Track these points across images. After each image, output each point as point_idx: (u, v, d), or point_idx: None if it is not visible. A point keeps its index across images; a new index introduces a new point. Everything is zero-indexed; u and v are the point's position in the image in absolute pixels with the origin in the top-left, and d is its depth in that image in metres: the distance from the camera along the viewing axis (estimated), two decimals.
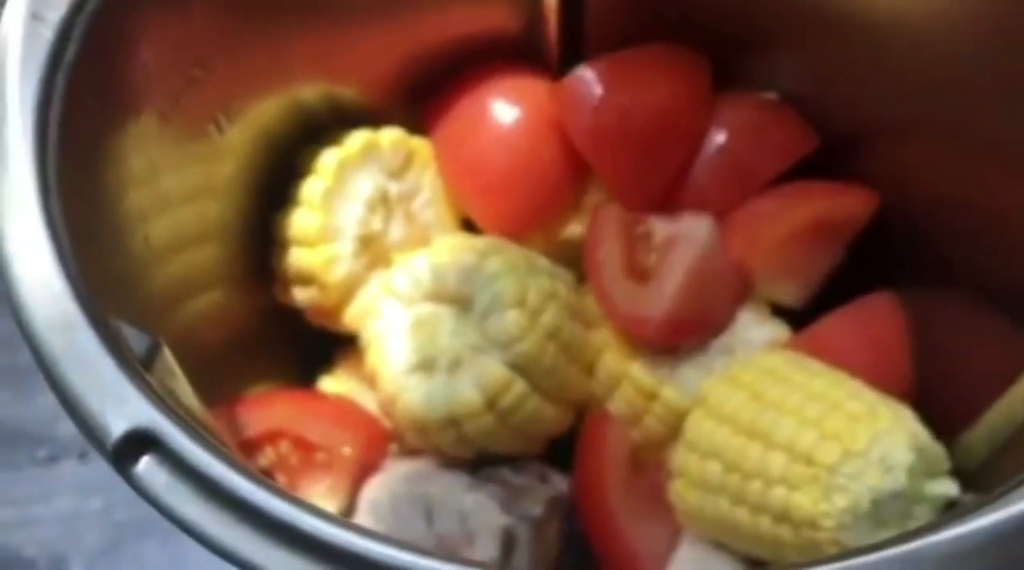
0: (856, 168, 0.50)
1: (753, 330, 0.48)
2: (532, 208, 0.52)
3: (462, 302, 0.46)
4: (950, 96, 0.45)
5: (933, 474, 0.40)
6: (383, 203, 0.51)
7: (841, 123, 0.50)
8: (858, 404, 0.40)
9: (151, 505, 0.27)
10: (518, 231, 0.51)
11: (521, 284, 0.46)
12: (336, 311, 0.50)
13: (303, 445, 0.46)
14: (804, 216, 0.49)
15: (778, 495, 0.39)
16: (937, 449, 0.41)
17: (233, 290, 0.49)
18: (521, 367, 0.45)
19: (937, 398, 0.44)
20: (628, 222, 0.49)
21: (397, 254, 0.51)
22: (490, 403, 0.45)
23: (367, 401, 0.50)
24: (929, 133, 0.47)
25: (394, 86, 0.52)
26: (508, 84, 0.52)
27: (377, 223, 0.50)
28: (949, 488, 0.40)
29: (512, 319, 0.45)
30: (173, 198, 0.42)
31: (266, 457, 0.46)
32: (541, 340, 0.45)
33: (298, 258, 0.49)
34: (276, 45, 0.46)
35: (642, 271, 0.48)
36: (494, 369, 0.45)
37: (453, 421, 0.45)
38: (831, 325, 0.48)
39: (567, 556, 0.47)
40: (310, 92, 0.49)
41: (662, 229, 0.48)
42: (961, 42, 0.43)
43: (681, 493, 0.44)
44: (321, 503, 0.45)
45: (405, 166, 0.52)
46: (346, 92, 0.51)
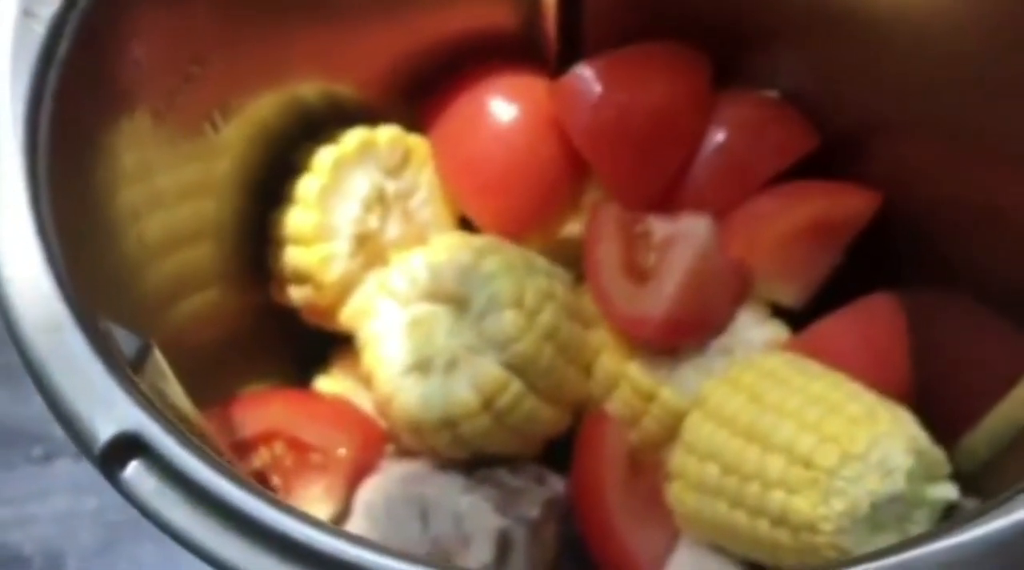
0: (856, 167, 0.50)
1: (752, 331, 0.48)
2: (530, 207, 0.51)
3: (459, 302, 0.46)
4: (951, 95, 0.44)
5: (933, 478, 0.40)
6: (380, 201, 0.50)
7: (842, 122, 0.50)
8: (857, 407, 0.40)
9: (138, 510, 0.27)
10: (516, 230, 0.51)
11: (518, 284, 0.45)
12: (332, 310, 0.50)
13: (298, 446, 0.46)
14: (804, 216, 0.49)
15: (776, 498, 0.39)
16: (936, 453, 0.40)
17: (228, 289, 0.48)
18: (518, 367, 0.45)
19: (937, 400, 0.43)
20: (627, 221, 0.48)
21: (394, 253, 0.50)
22: (486, 404, 0.45)
23: (363, 401, 0.50)
24: (930, 133, 0.47)
25: (391, 83, 0.51)
26: (506, 82, 0.51)
27: (374, 222, 0.50)
28: (949, 492, 0.40)
29: (509, 319, 0.44)
30: (167, 196, 0.42)
31: (260, 458, 0.46)
32: (538, 340, 0.45)
33: (294, 257, 0.49)
34: (273, 42, 0.45)
35: (641, 271, 0.47)
36: (491, 369, 0.45)
37: (449, 422, 0.45)
38: (830, 326, 0.48)
39: (564, 558, 0.47)
40: (307, 89, 0.49)
41: (661, 228, 0.48)
42: (963, 41, 0.43)
43: (679, 495, 0.43)
44: (316, 505, 0.45)
45: (402, 164, 0.51)
46: (343, 89, 0.50)
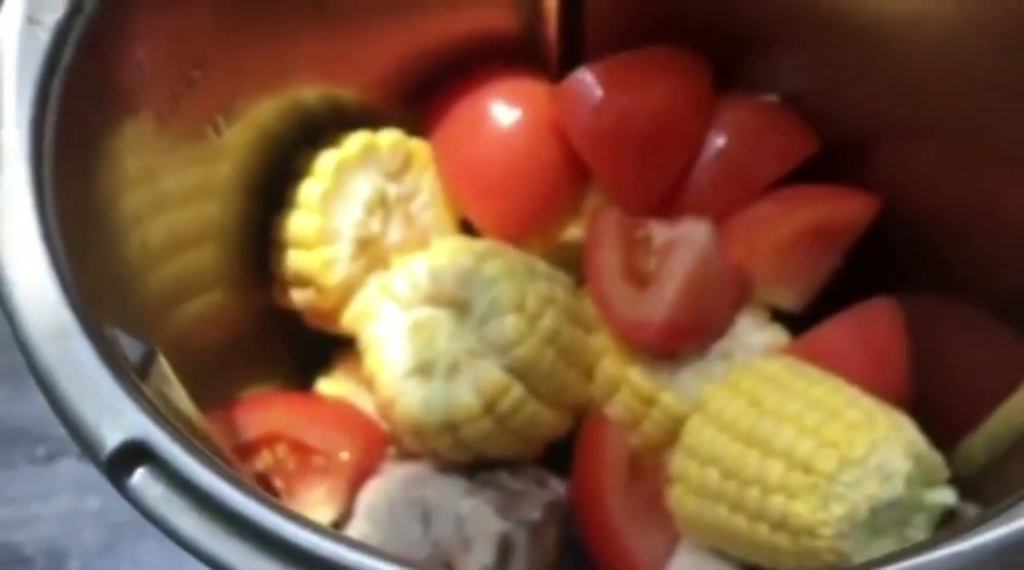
0: (856, 172, 0.50)
1: (752, 335, 0.48)
2: (531, 211, 0.51)
3: (460, 306, 0.46)
4: (951, 99, 0.44)
5: (931, 482, 0.40)
6: (381, 205, 0.50)
7: (842, 126, 0.50)
8: (856, 412, 0.40)
9: (145, 517, 0.27)
10: (517, 234, 0.51)
11: (520, 288, 0.45)
12: (334, 313, 0.50)
13: (301, 449, 0.46)
14: (804, 220, 0.49)
15: (776, 503, 0.39)
16: (935, 457, 0.41)
17: (231, 292, 0.49)
18: (519, 371, 0.45)
19: (936, 405, 0.43)
20: (627, 226, 0.49)
21: (395, 256, 0.51)
22: (488, 407, 0.45)
23: (364, 403, 0.50)
24: (929, 137, 0.47)
25: (393, 87, 0.52)
26: (507, 86, 0.52)
27: (375, 225, 0.50)
28: (947, 497, 0.40)
29: (511, 323, 0.45)
30: (170, 200, 0.42)
31: (263, 461, 0.46)
32: (540, 344, 0.45)
33: (296, 260, 0.49)
34: (275, 46, 0.45)
35: (641, 275, 0.47)
36: (492, 373, 0.45)
37: (451, 425, 0.45)
38: (829, 331, 0.48)
39: (564, 561, 0.47)
40: (309, 93, 0.49)
41: (661, 233, 0.48)
42: (963, 45, 0.43)
43: (679, 499, 0.44)
44: (318, 507, 0.45)
45: (404, 168, 0.51)
46: (345, 93, 0.51)
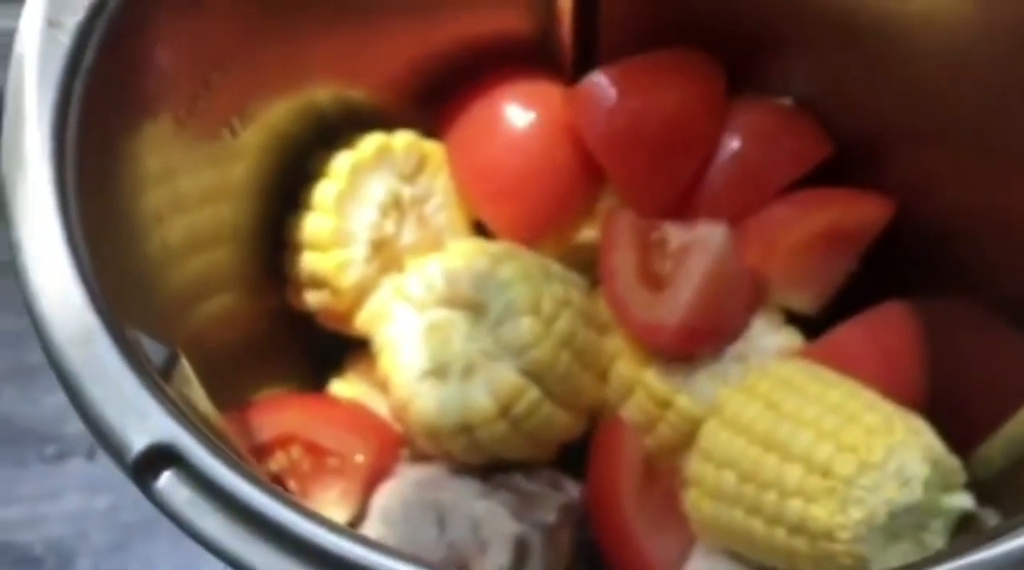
0: (869, 175, 0.50)
1: (767, 338, 0.48)
2: (545, 213, 0.51)
3: (475, 308, 0.46)
4: (965, 102, 0.44)
5: (949, 487, 0.40)
6: (396, 207, 0.50)
7: (856, 129, 0.50)
8: (874, 416, 0.40)
9: (171, 521, 0.27)
10: (530, 236, 0.51)
11: (535, 291, 0.45)
12: (348, 315, 0.50)
13: (315, 451, 0.46)
14: (819, 223, 0.49)
15: (794, 507, 0.39)
16: (953, 462, 0.40)
17: (245, 293, 0.49)
18: (535, 374, 0.45)
19: (951, 409, 0.43)
20: (642, 228, 0.49)
21: (409, 258, 0.51)
22: (503, 410, 0.45)
23: (378, 405, 0.50)
24: (944, 140, 0.47)
25: (407, 89, 0.52)
26: (522, 88, 0.52)
27: (390, 227, 0.50)
28: (965, 501, 0.40)
29: (526, 326, 0.45)
30: (188, 201, 0.42)
31: (277, 462, 0.46)
32: (555, 347, 0.45)
33: (311, 262, 0.49)
34: (291, 49, 0.45)
35: (656, 278, 0.47)
36: (507, 376, 0.45)
37: (466, 427, 0.45)
38: (843, 334, 0.48)
39: (579, 564, 0.47)
40: (324, 95, 0.49)
41: (677, 236, 0.48)
42: (977, 47, 0.43)
43: (696, 502, 0.44)
44: (332, 509, 0.45)
45: (418, 170, 0.51)
46: (359, 95, 0.51)
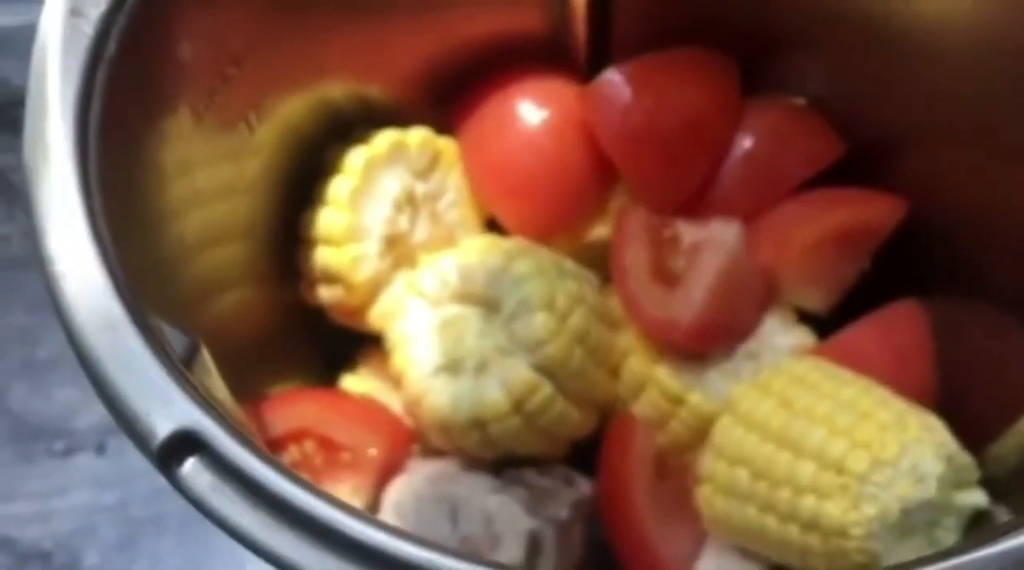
0: (882, 175, 0.50)
1: (779, 336, 0.48)
2: (558, 210, 0.52)
3: (489, 304, 0.46)
4: (978, 102, 0.44)
5: (962, 484, 0.40)
6: (409, 203, 0.51)
7: (869, 129, 0.50)
8: (887, 413, 0.40)
9: (195, 507, 0.27)
10: (543, 233, 0.51)
11: (549, 287, 0.45)
12: (361, 310, 0.50)
13: (328, 445, 0.46)
14: (832, 223, 0.49)
15: (807, 503, 0.39)
16: (966, 459, 0.41)
17: (259, 288, 0.49)
18: (548, 370, 0.45)
19: (964, 407, 0.43)
20: (655, 226, 0.49)
21: (422, 254, 0.51)
22: (517, 405, 0.45)
23: (389, 400, 0.50)
24: (956, 140, 0.47)
25: (422, 86, 0.52)
26: (536, 86, 0.52)
27: (403, 222, 0.50)
28: (978, 498, 0.40)
29: (540, 322, 0.45)
30: (205, 195, 0.42)
31: (290, 456, 0.46)
32: (569, 343, 0.45)
33: (324, 257, 0.49)
34: (308, 43, 0.45)
35: (669, 275, 0.47)
36: (521, 371, 0.45)
37: (478, 423, 0.45)
38: (855, 333, 0.48)
39: (589, 560, 0.47)
40: (339, 91, 0.49)
41: (690, 233, 0.48)
42: (987, 48, 0.43)
43: (708, 499, 0.44)
44: None
45: (431, 166, 0.52)
46: (374, 91, 0.51)
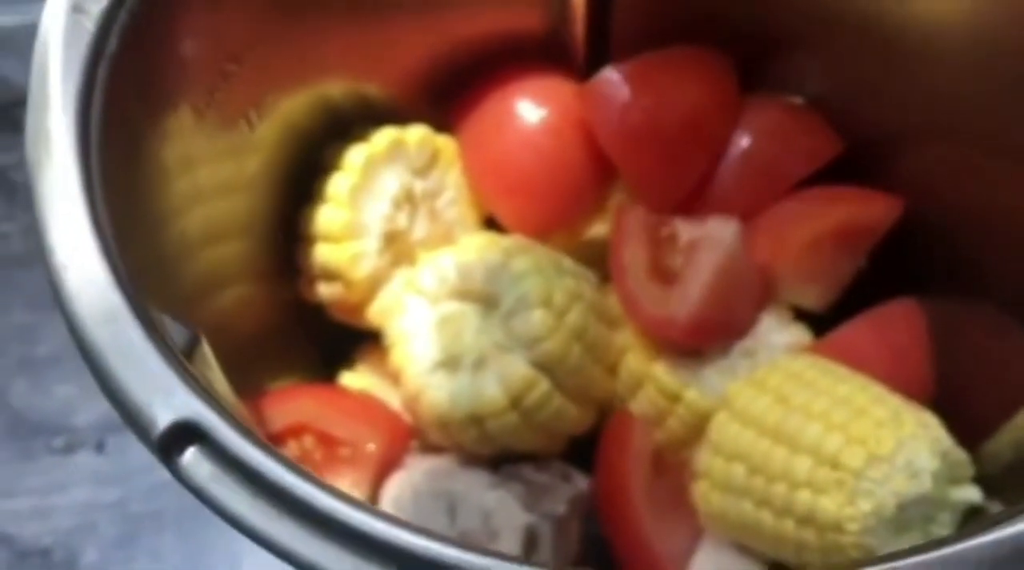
0: (879, 173, 0.50)
1: (776, 334, 0.48)
2: (556, 208, 0.52)
3: (488, 301, 0.47)
4: (977, 101, 0.45)
5: (957, 480, 0.41)
6: (408, 200, 0.51)
7: (866, 128, 0.51)
8: (883, 410, 0.41)
9: (196, 497, 0.27)
10: (541, 231, 0.51)
11: (547, 284, 0.46)
12: (360, 307, 0.50)
13: (327, 440, 0.46)
14: (829, 221, 0.49)
15: (803, 498, 0.40)
16: (961, 455, 0.41)
17: (258, 285, 0.49)
18: (546, 366, 0.45)
19: (961, 405, 0.44)
20: (653, 224, 0.49)
21: (421, 252, 0.51)
22: (514, 402, 0.45)
23: (387, 396, 0.50)
24: (953, 138, 0.47)
25: (421, 84, 0.52)
26: (534, 84, 0.52)
27: (402, 220, 0.51)
28: (973, 494, 0.40)
29: (538, 318, 0.45)
30: (206, 192, 0.42)
31: (290, 451, 0.46)
32: (567, 340, 0.45)
33: (324, 254, 0.49)
34: (307, 42, 0.46)
35: (667, 273, 0.48)
36: (519, 368, 0.45)
37: (477, 419, 0.46)
38: (851, 331, 0.48)
39: (586, 556, 0.47)
40: (338, 88, 0.50)
41: (687, 231, 0.48)
42: (985, 47, 0.43)
43: (705, 495, 0.44)
44: None
45: (430, 164, 0.52)
46: (373, 89, 0.51)
